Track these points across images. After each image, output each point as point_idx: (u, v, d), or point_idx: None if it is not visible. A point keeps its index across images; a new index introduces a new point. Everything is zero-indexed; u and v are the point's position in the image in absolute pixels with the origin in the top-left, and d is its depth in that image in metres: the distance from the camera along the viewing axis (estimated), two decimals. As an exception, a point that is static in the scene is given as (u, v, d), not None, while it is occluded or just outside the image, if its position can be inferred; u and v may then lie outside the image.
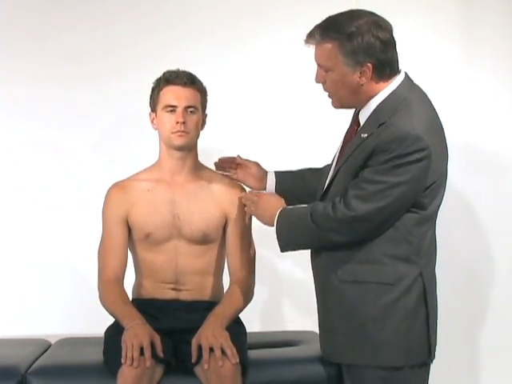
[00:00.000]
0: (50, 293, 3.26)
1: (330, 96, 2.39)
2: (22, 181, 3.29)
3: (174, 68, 2.62)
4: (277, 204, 2.48)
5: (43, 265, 3.27)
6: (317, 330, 2.53)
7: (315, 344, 2.59)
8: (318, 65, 2.36)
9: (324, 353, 2.50)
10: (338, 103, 2.40)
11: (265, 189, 2.71)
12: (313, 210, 2.37)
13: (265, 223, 2.49)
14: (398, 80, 2.35)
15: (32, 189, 3.28)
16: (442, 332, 2.46)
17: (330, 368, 2.51)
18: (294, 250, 2.44)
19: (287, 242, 2.42)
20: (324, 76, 2.36)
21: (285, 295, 3.33)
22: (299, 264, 2.63)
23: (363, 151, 2.32)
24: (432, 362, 2.44)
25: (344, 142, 2.47)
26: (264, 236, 2.61)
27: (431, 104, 2.40)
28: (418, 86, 2.40)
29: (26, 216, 3.29)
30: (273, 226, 2.44)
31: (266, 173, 2.70)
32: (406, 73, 2.39)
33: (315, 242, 2.40)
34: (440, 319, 2.46)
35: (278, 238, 2.42)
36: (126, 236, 2.62)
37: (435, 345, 2.43)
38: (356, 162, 2.34)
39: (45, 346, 2.88)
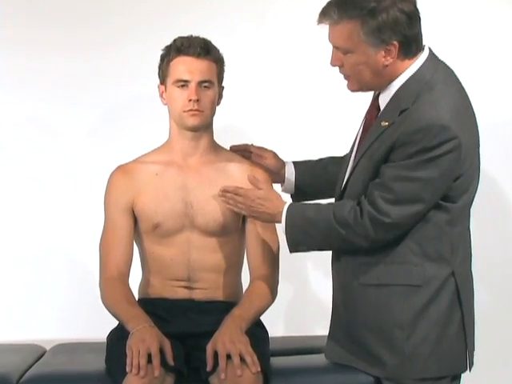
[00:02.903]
0: (44, 292, 3.26)
1: (346, 78, 2.38)
2: (9, 165, 3.28)
3: (185, 34, 2.58)
4: (279, 197, 2.48)
5: (36, 260, 3.27)
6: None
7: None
8: (335, 47, 2.33)
9: (342, 360, 2.48)
10: (357, 86, 2.39)
11: (283, 181, 2.69)
12: (336, 209, 2.36)
13: (263, 218, 2.49)
14: (421, 59, 2.33)
15: (22, 174, 3.27)
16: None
17: (362, 378, 2.46)
18: (305, 251, 2.45)
19: (300, 242, 2.41)
20: (341, 59, 2.34)
21: (312, 295, 3.32)
22: (329, 260, 2.61)
23: (384, 143, 2.31)
24: (470, 370, 2.43)
25: (363, 129, 2.46)
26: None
27: (459, 85, 2.37)
28: (443, 65, 2.37)
29: (16, 206, 3.27)
30: (273, 220, 2.46)
31: (283, 163, 2.70)
32: (430, 49, 2.37)
33: (335, 245, 2.42)
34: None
35: (287, 236, 2.41)
36: (131, 227, 2.59)
37: (473, 352, 2.43)
38: (376, 155, 2.33)
39: (39, 353, 2.87)
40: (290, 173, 2.66)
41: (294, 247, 2.42)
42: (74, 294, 3.22)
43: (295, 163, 2.68)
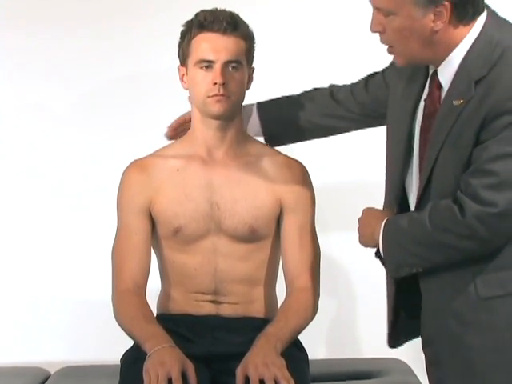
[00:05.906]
0: (48, 308, 3.26)
1: (390, 50, 2.26)
2: (6, 160, 3.27)
3: (208, 7, 2.52)
4: (381, 215, 2.35)
5: (39, 272, 3.26)
6: (403, 357, 2.60)
7: (400, 375, 2.63)
8: (375, 7, 2.21)
9: None
10: (404, 59, 2.26)
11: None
12: (430, 213, 2.21)
13: (366, 244, 2.38)
14: (480, 20, 2.20)
15: (20, 172, 3.26)
16: None
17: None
18: (410, 271, 2.28)
19: (398, 262, 2.28)
20: (383, 23, 2.21)
21: (359, 310, 3.32)
22: (379, 268, 2.51)
23: (468, 123, 2.16)
24: None
25: (425, 115, 2.31)
26: (330, 230, 2.71)
27: None
28: (507, 22, 2.25)
29: (16, 211, 3.28)
30: (375, 245, 2.32)
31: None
32: (487, 7, 2.24)
33: (440, 257, 2.23)
34: None
35: (385, 258, 2.30)
36: (148, 232, 2.56)
37: None
38: (463, 140, 2.17)
39: (42, 377, 2.91)
40: (254, 119, 2.65)
41: (395, 271, 2.29)
42: (83, 309, 3.22)
43: (260, 106, 2.65)
